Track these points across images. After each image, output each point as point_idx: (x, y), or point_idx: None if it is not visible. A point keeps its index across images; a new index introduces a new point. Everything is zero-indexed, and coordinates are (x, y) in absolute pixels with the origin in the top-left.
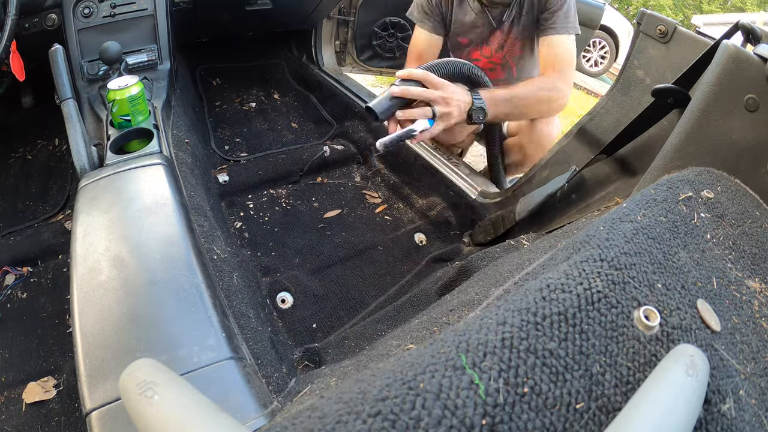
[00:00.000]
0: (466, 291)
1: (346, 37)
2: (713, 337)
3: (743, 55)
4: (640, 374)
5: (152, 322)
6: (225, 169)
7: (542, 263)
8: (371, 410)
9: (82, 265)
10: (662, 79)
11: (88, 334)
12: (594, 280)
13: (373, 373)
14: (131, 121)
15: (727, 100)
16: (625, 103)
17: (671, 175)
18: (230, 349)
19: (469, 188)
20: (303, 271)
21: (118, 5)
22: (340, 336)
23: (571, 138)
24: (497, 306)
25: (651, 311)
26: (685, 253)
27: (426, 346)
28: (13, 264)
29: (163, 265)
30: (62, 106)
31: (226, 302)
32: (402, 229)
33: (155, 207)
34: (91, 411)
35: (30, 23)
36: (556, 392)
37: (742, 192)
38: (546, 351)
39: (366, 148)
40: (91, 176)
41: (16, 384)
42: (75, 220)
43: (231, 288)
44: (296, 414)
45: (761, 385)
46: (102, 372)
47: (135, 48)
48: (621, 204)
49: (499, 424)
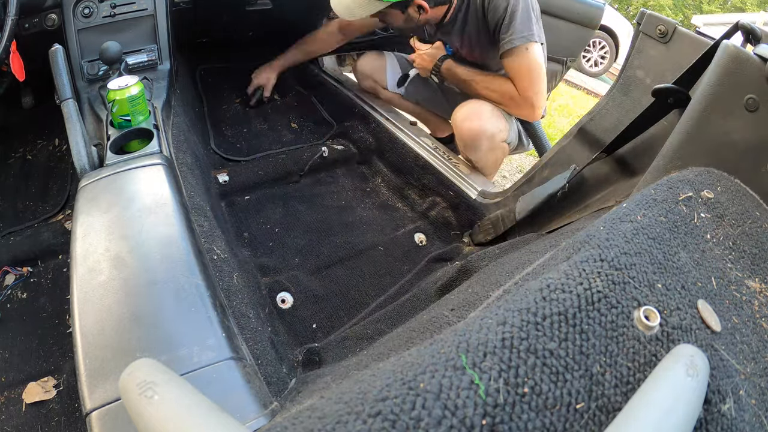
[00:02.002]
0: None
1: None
2: (713, 338)
3: (743, 55)
4: (640, 374)
5: (152, 322)
6: (225, 169)
7: (542, 263)
8: (371, 410)
9: (82, 265)
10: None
11: (88, 334)
12: (594, 280)
13: (373, 373)
14: (131, 121)
15: (727, 100)
16: (625, 103)
17: (671, 175)
18: (230, 349)
19: (469, 188)
20: (303, 271)
21: (118, 5)
22: (340, 336)
23: (571, 138)
24: (497, 306)
25: (651, 311)
26: (685, 253)
27: (426, 346)
28: (13, 264)
29: (163, 265)
30: (62, 106)
31: (226, 302)
32: (402, 229)
33: (155, 207)
34: (91, 411)
35: (30, 23)
36: (557, 392)
37: (742, 192)
38: (546, 351)
39: (366, 148)
40: (91, 176)
41: (16, 384)
42: (75, 220)
43: (231, 288)
44: (296, 414)
45: (761, 385)
46: (102, 372)
47: (135, 48)
48: (621, 204)
49: (499, 424)
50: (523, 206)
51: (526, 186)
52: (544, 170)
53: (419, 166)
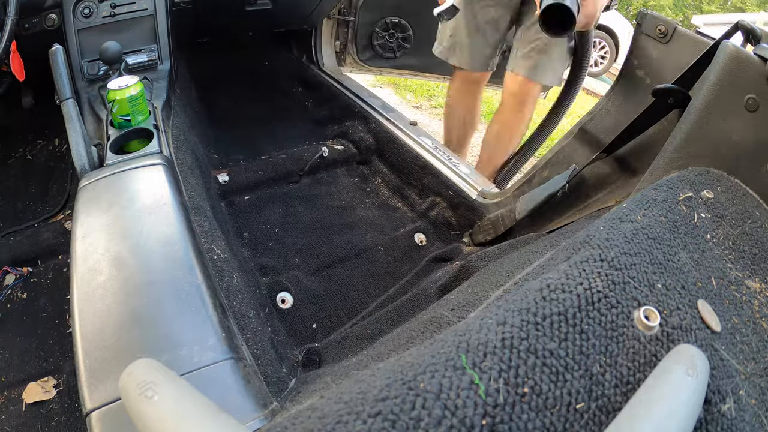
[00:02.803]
0: (466, 291)
1: (346, 37)
2: (713, 338)
3: (743, 55)
4: (640, 374)
5: (152, 322)
6: (225, 170)
7: (542, 263)
8: (371, 410)
9: (82, 265)
10: (662, 79)
11: (88, 334)
12: (594, 280)
13: (373, 373)
14: (131, 121)
15: (727, 100)
16: (625, 103)
17: (671, 175)
18: (230, 349)
19: (469, 188)
20: (303, 271)
21: (118, 5)
22: (340, 336)
23: (571, 138)
24: (497, 306)
25: (651, 311)
26: (685, 253)
27: (426, 346)
28: (13, 264)
29: (163, 265)
30: (62, 106)
31: (226, 302)
32: (402, 229)
33: (155, 207)
34: (91, 411)
35: (30, 23)
36: (557, 392)
37: (742, 192)
38: (546, 351)
39: (366, 148)
40: (91, 176)
41: (16, 384)
42: (75, 220)
43: (231, 288)
44: (296, 414)
45: (761, 385)
46: (102, 372)
47: (135, 48)
48: (621, 204)
49: (499, 425)
50: (523, 206)
51: (526, 186)
52: (544, 170)
53: (419, 166)
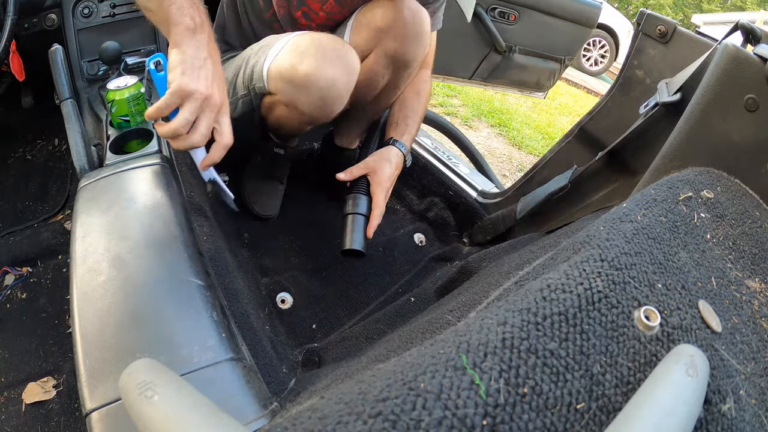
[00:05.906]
0: (466, 291)
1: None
2: (713, 338)
3: (743, 55)
4: (641, 374)
5: (152, 322)
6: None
7: (542, 263)
8: (372, 411)
9: (81, 265)
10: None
11: (87, 335)
12: (594, 280)
13: (373, 373)
14: (130, 121)
15: (727, 100)
16: (625, 103)
17: (671, 175)
18: (230, 349)
19: (468, 188)
20: (303, 271)
21: (117, 5)
22: (340, 336)
23: (571, 138)
24: (498, 306)
25: (651, 311)
26: (685, 253)
27: (426, 347)
28: (13, 264)
29: (163, 265)
30: (62, 106)
31: (226, 302)
32: (402, 230)
33: (155, 207)
34: (91, 411)
35: (30, 23)
36: (557, 392)
37: (742, 192)
38: (546, 351)
39: None
40: (90, 176)
41: (16, 384)
42: (75, 220)
43: (231, 288)
44: (296, 414)
45: (761, 385)
46: (102, 372)
47: (135, 48)
48: (621, 204)
49: (499, 425)
50: (523, 206)
51: (526, 186)
52: (544, 170)
53: (418, 166)
